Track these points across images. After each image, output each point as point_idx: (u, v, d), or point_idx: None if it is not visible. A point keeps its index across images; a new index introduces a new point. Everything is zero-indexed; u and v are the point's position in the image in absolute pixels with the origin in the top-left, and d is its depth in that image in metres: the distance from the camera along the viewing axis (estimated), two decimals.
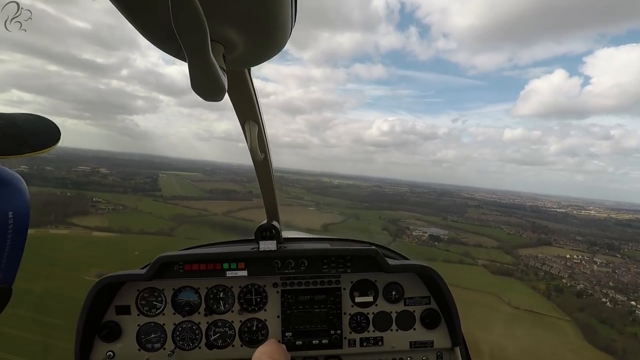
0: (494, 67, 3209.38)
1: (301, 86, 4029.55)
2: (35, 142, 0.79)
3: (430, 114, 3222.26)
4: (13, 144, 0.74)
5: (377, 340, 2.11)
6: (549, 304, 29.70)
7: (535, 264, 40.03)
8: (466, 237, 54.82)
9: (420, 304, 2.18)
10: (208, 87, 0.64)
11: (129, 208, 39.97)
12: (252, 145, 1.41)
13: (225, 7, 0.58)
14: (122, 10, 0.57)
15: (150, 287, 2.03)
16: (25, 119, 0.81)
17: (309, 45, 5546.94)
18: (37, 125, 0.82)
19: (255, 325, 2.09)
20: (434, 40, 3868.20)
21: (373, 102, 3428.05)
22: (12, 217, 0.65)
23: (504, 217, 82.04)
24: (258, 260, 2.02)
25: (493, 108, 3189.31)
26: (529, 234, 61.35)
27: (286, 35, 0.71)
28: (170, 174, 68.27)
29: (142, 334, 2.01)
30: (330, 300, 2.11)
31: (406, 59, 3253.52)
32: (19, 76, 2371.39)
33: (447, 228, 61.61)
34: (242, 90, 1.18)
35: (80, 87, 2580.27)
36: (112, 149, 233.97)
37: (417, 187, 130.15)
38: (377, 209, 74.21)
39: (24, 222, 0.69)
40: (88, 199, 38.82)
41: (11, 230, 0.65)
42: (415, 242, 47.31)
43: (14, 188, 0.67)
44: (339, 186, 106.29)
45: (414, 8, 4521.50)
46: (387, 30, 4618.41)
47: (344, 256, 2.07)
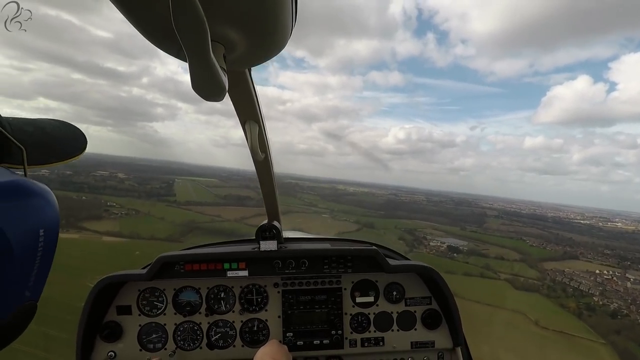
0: (514, 73, 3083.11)
1: (317, 93, 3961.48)
2: (63, 150, 0.81)
3: (448, 121, 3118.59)
4: (42, 153, 0.75)
5: (378, 341, 2.10)
6: (581, 325, 27.21)
7: (563, 280, 37.31)
8: (486, 248, 52.19)
9: (421, 304, 2.16)
10: (209, 87, 0.64)
11: (142, 213, 39.70)
12: (253, 145, 1.41)
13: (225, 8, 0.58)
14: (123, 11, 0.57)
15: (152, 287, 2.01)
16: (53, 126, 0.82)
17: (325, 53, 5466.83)
18: (64, 132, 0.83)
19: (256, 326, 2.07)
20: (452, 47, 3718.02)
21: (389, 110, 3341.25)
22: (42, 234, 0.61)
23: (525, 228, 79.03)
24: (259, 260, 2.01)
25: (513, 116, 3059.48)
26: (553, 247, 58.45)
27: (287, 36, 0.71)
28: (186, 180, 68.44)
29: (144, 334, 1.99)
30: (331, 300, 2.09)
31: (424, 66, 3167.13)
32: (45, 84, 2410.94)
33: (465, 239, 58.99)
34: (242, 90, 1.18)
35: (102, 95, 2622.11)
36: (133, 155, 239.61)
37: (434, 195, 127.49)
38: (393, 218, 72.25)
39: (54, 238, 0.65)
40: (102, 204, 38.72)
41: (41, 247, 0.61)
42: (433, 253, 45.06)
43: (45, 203, 0.63)
44: (354, 194, 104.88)
45: (431, 14, 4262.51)
46: (404, 36, 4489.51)
47: (344, 256, 2.06)
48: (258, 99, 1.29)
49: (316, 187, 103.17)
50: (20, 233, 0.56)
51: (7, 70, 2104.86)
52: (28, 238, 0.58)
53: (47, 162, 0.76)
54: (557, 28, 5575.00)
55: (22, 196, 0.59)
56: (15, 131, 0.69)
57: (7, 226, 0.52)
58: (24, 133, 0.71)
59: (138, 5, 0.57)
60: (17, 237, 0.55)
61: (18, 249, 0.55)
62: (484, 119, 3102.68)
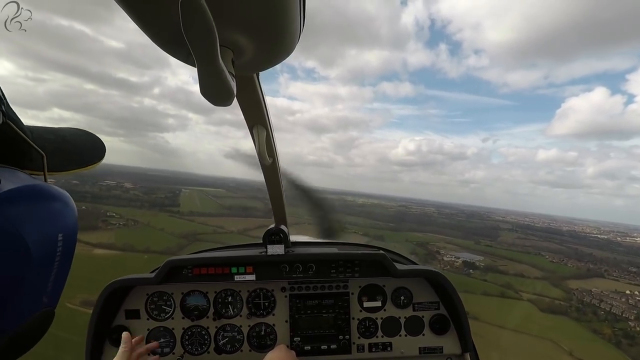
0: (527, 84, 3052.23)
1: (327, 104, 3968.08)
2: (82, 158, 0.82)
3: (458, 134, 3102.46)
4: (62, 160, 0.76)
5: (385, 346, 2.07)
6: (620, 355, 23.75)
7: (592, 301, 33.65)
8: (504, 264, 48.57)
9: (429, 310, 2.11)
10: (217, 92, 0.63)
11: (141, 224, 37.68)
12: (260, 149, 1.41)
13: (234, 13, 0.57)
14: (132, 16, 0.57)
15: (160, 291, 1.99)
16: (73, 134, 0.83)
17: (336, 63, 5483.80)
18: (84, 140, 0.85)
19: (264, 330, 2.05)
20: (464, 58, 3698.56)
21: (399, 122, 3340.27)
22: (61, 239, 0.61)
23: (541, 242, 75.47)
24: (266, 265, 2.00)
25: (525, 128, 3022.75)
26: (574, 263, 54.77)
27: (295, 41, 0.70)
28: (193, 190, 66.83)
29: (152, 338, 1.98)
30: (339, 305, 2.07)
31: (435, 77, 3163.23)
32: (60, 95, 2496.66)
33: (481, 253, 55.51)
34: (250, 95, 1.18)
35: (115, 106, 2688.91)
36: (144, 165, 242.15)
37: (445, 207, 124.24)
38: (404, 230, 69.11)
39: (72, 243, 0.65)
40: (101, 214, 36.83)
41: (59, 252, 0.61)
42: (447, 269, 41.75)
43: (64, 208, 0.64)
44: (363, 205, 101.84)
45: (444, 24, 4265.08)
46: (416, 47, 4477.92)
47: (352, 261, 2.04)
48: (266, 103, 1.27)
49: (325, 198, 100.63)
50: (39, 238, 0.55)
51: (22, 80, 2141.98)
52: (46, 243, 0.57)
53: (66, 168, 0.76)
54: (573, 39, 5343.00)
55: (41, 200, 0.59)
56: (37, 138, 0.69)
57: (26, 231, 0.52)
58: (44, 140, 0.72)
59: (148, 11, 0.56)
60: (36, 242, 0.54)
61: (37, 254, 0.54)
62: (495, 132, 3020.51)
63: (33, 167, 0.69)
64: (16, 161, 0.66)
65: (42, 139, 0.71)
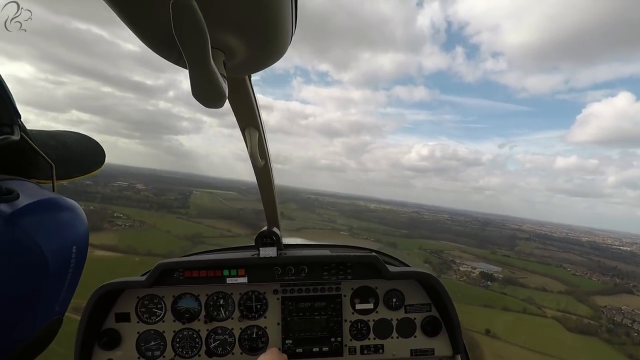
0: (547, 89, 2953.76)
1: (340, 108, 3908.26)
2: (84, 164, 0.81)
3: (472, 140, 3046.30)
4: (65, 167, 0.74)
5: (377, 348, 2.07)
6: None
7: (623, 320, 30.66)
8: (524, 276, 45.66)
9: (420, 311, 2.12)
10: (209, 93, 0.63)
11: (147, 225, 36.64)
12: (253, 151, 1.42)
13: (226, 15, 0.57)
14: (123, 18, 0.56)
15: (150, 294, 1.98)
16: (74, 139, 0.82)
17: (349, 66, 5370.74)
18: (85, 146, 0.84)
19: (255, 333, 2.04)
20: (481, 61, 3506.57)
21: (413, 127, 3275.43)
22: (75, 250, 0.61)
23: (561, 253, 72.00)
24: (258, 267, 2.00)
25: (543, 135, 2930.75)
26: (599, 277, 51.38)
27: (286, 43, 0.70)
28: (203, 192, 66.04)
29: (142, 342, 1.96)
30: (331, 307, 2.07)
31: (451, 81, 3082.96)
32: (78, 97, 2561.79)
33: (498, 264, 52.55)
34: (242, 97, 1.18)
35: (131, 108, 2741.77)
36: (158, 167, 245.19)
37: (458, 215, 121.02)
38: (417, 237, 66.51)
39: (84, 253, 0.65)
40: (109, 214, 35.96)
41: (73, 263, 0.61)
42: (464, 280, 39.25)
43: (76, 219, 0.63)
44: (375, 210, 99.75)
45: (461, 26, 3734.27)
46: (431, 50, 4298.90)
47: (344, 263, 2.04)
48: (258, 105, 1.29)
49: (336, 202, 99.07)
50: (55, 250, 0.56)
51: (42, 83, 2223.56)
52: (62, 254, 0.58)
53: (69, 176, 0.75)
54: (598, 40, 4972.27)
55: (56, 213, 0.60)
56: (41, 145, 0.68)
57: (44, 243, 0.53)
58: (48, 147, 0.71)
59: (139, 13, 0.56)
60: (53, 254, 0.55)
61: (53, 265, 0.55)
62: (512, 138, 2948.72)
63: (40, 176, 0.68)
64: (24, 170, 0.66)
65: (45, 146, 0.70)
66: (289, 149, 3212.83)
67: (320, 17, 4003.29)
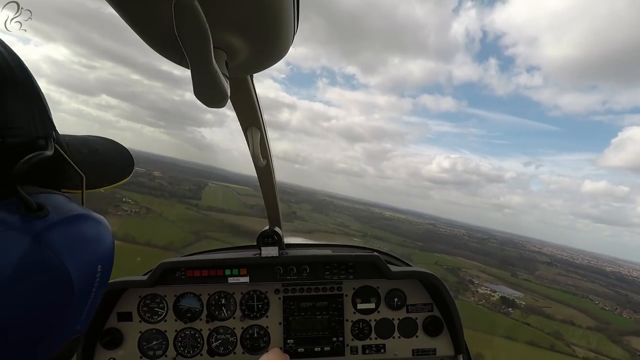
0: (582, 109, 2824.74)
1: (364, 113, 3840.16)
2: (114, 173, 0.77)
3: (496, 156, 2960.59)
4: (96, 176, 0.71)
5: (379, 348, 2.04)
6: None
7: None
8: (548, 305, 41.23)
9: (422, 311, 2.09)
10: (210, 93, 0.63)
11: (153, 212, 34.80)
12: (255, 151, 1.41)
13: (228, 15, 0.56)
14: (125, 18, 0.56)
15: (152, 294, 1.96)
16: (104, 146, 0.79)
17: (377, 71, 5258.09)
18: (114, 153, 0.81)
19: (257, 332, 2.03)
20: (515, 75, 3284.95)
21: (435, 138, 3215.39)
22: (100, 270, 0.58)
23: (585, 282, 66.32)
24: (260, 267, 1.98)
25: (572, 156, 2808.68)
26: (630, 314, 46.12)
27: (289, 43, 0.70)
28: (219, 185, 64.47)
29: (144, 341, 1.95)
30: (332, 306, 2.05)
31: (481, 93, 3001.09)
32: (108, 82, 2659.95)
33: (519, 288, 48.20)
34: (244, 97, 1.17)
35: (158, 97, 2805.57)
36: (181, 157, 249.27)
37: (476, 231, 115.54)
38: (433, 251, 62.58)
39: (108, 273, 0.61)
40: (116, 198, 34.32)
41: (97, 283, 0.58)
42: (482, 304, 35.40)
43: (103, 236, 0.60)
44: (390, 219, 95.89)
45: (497, 36, 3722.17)
46: (463, 59, 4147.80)
47: (346, 262, 2.02)
48: (260, 105, 1.27)
49: (351, 207, 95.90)
50: (81, 269, 0.54)
51: (76, 67, 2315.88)
52: (87, 274, 0.56)
53: (99, 185, 0.72)
54: None
55: (84, 230, 0.57)
56: (73, 153, 0.66)
57: (70, 263, 0.51)
58: (80, 154, 0.68)
59: (141, 13, 0.55)
60: (78, 274, 0.53)
61: (78, 285, 0.53)
62: (537, 157, 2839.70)
63: (70, 186, 0.65)
64: (55, 181, 0.63)
65: (77, 153, 0.67)
66: (309, 149, 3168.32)
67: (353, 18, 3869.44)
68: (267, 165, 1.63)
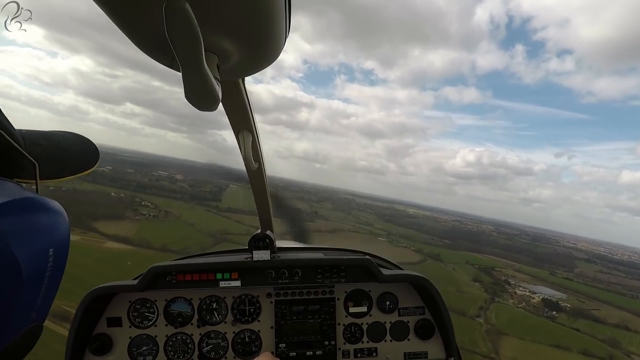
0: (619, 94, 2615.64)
1: (384, 108, 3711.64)
2: (75, 165, 0.79)
3: (523, 148, 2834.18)
4: (55, 167, 0.73)
5: (371, 351, 2.04)
6: None
7: None
8: (596, 307, 37.11)
9: (414, 315, 2.09)
10: (202, 97, 0.63)
11: (172, 215, 33.85)
12: (246, 154, 1.40)
13: (219, 18, 0.56)
14: (115, 21, 0.55)
15: (142, 298, 1.93)
16: (67, 139, 0.81)
17: (396, 64, 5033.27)
18: (77, 145, 0.82)
19: (249, 337, 2.00)
20: (544, 61, 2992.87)
21: (458, 132, 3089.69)
22: (52, 254, 0.57)
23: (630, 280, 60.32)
24: (252, 270, 1.94)
25: (608, 146, 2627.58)
26: None
27: (280, 46, 0.69)
28: (240, 186, 63.49)
29: (134, 347, 1.91)
30: (324, 310, 2.03)
31: (507, 82, 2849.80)
32: (132, 91, 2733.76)
33: (560, 288, 43.91)
34: (236, 100, 1.18)
35: (178, 102, 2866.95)
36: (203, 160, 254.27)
37: (504, 226, 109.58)
38: (461, 249, 58.71)
39: (64, 257, 0.61)
40: (135, 202, 33.62)
41: (50, 268, 0.57)
42: (522, 307, 32.00)
43: (56, 220, 0.60)
44: (414, 216, 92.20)
45: (524, 20, 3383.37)
46: (488, 48, 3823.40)
47: (338, 266, 2.00)
48: (252, 109, 1.26)
49: (373, 205, 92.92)
50: (30, 254, 0.52)
51: (100, 77, 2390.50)
52: (37, 258, 0.54)
53: (59, 176, 0.73)
54: None
55: (32, 214, 0.55)
56: (29, 145, 0.67)
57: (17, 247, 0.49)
58: (37, 147, 0.69)
59: (131, 16, 0.55)
60: (26, 259, 0.51)
61: (27, 270, 0.51)
62: (568, 148, 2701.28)
63: (24, 175, 0.65)
64: (7, 170, 0.63)
65: (34, 145, 0.68)
66: (328, 148, 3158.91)
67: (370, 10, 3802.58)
68: (259, 168, 1.63)
